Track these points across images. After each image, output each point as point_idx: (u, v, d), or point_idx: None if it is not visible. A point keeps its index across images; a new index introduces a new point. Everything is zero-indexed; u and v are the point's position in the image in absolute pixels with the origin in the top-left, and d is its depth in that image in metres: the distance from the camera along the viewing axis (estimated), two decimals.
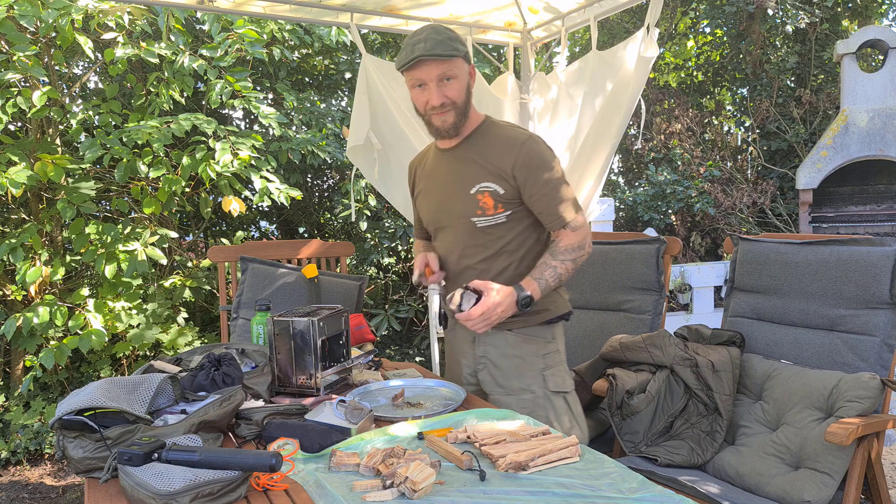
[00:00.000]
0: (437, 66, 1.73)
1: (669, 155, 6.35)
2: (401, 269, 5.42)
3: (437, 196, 1.93)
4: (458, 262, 1.90)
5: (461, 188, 1.85)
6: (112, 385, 1.45)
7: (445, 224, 1.92)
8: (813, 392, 1.95)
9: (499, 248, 1.85)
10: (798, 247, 2.18)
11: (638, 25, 6.94)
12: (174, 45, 3.72)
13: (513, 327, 1.87)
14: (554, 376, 1.89)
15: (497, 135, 1.84)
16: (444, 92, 1.76)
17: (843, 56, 5.78)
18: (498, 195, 1.80)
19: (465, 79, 1.79)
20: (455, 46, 1.73)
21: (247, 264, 2.64)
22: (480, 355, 1.93)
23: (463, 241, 1.88)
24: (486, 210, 1.81)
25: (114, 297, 3.69)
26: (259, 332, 2.08)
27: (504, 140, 1.81)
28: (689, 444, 2.11)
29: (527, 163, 1.77)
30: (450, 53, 1.72)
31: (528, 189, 1.79)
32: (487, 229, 1.84)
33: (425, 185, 2.00)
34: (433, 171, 1.96)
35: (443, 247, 1.96)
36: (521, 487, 1.21)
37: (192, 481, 1.14)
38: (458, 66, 1.76)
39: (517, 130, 1.85)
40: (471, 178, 1.83)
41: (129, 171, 3.56)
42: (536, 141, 1.81)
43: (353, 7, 2.80)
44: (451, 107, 1.78)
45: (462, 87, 1.78)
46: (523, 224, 1.85)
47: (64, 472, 3.51)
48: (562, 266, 1.78)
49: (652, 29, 2.47)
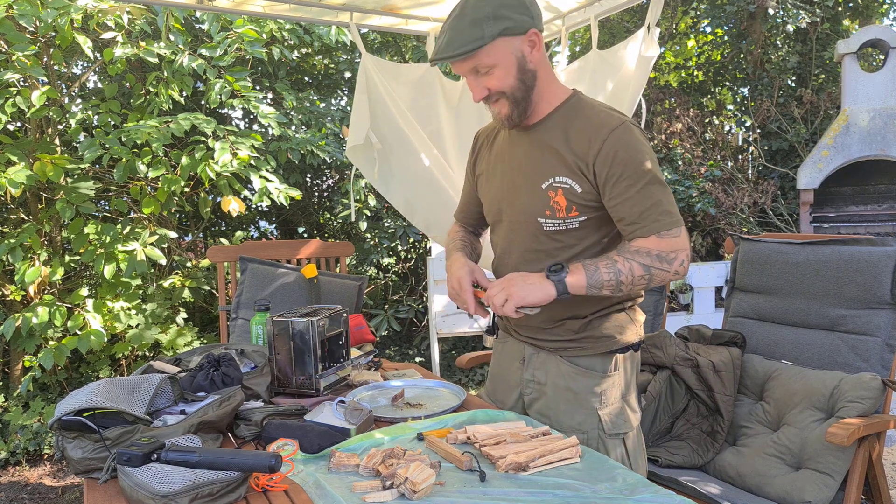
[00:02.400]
0: (462, 62, 1.47)
1: (670, 154, 6.35)
2: (401, 269, 5.41)
3: (503, 184, 1.63)
4: (517, 266, 1.60)
5: (532, 180, 1.55)
6: (111, 385, 1.44)
7: (507, 219, 1.64)
8: (814, 392, 1.95)
9: (566, 257, 1.54)
10: (799, 247, 2.18)
11: (638, 25, 6.93)
12: (173, 45, 3.71)
13: (567, 355, 1.62)
14: (612, 415, 1.62)
15: (584, 116, 1.52)
16: (482, 84, 1.49)
17: (844, 56, 5.77)
18: (574, 194, 1.50)
19: (509, 60, 1.46)
20: (476, 34, 1.42)
21: (246, 264, 2.64)
22: (529, 379, 1.69)
23: (524, 244, 1.60)
24: (556, 211, 1.52)
25: (113, 297, 3.69)
26: (258, 333, 2.07)
27: (591, 124, 1.49)
28: (689, 445, 2.11)
29: (612, 155, 1.44)
30: (467, 49, 1.43)
31: (609, 189, 1.46)
32: (555, 235, 1.55)
33: (490, 167, 1.70)
34: (503, 151, 1.65)
35: (500, 245, 1.68)
36: (522, 488, 1.20)
37: (191, 482, 1.14)
38: (492, 53, 1.44)
39: (610, 114, 1.51)
40: (545, 170, 1.53)
41: (128, 170, 3.56)
42: (629, 128, 1.47)
43: (352, 6, 2.80)
44: (499, 96, 1.51)
45: (507, 71, 1.47)
46: (599, 235, 1.55)
47: (63, 472, 3.51)
48: (625, 264, 1.43)
49: (653, 28, 2.47)
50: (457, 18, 1.45)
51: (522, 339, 1.72)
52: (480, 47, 1.43)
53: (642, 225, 1.44)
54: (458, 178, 2.89)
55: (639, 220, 1.44)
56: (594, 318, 1.60)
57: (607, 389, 1.62)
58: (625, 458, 1.63)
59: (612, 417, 1.62)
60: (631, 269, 1.43)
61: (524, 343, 1.72)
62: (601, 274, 1.43)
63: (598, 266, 1.44)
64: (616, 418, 1.63)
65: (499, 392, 1.81)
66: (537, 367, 1.68)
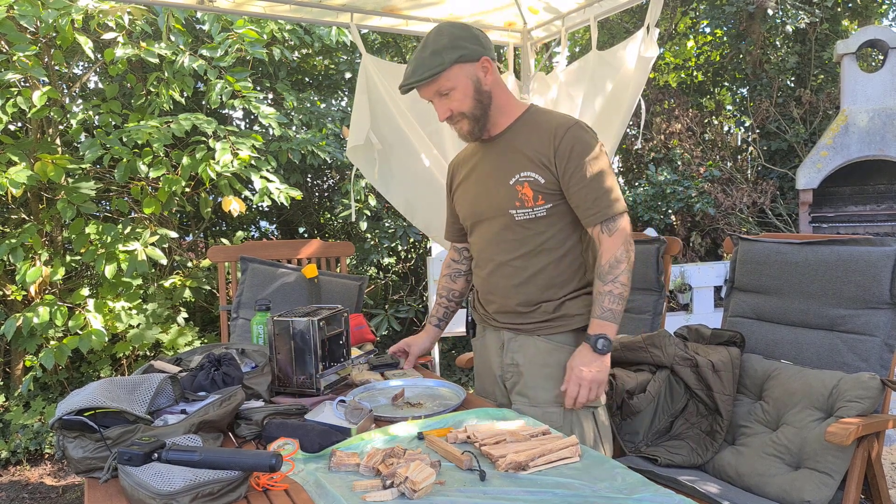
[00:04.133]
0: (426, 86, 1.71)
1: (669, 155, 6.35)
2: (401, 269, 5.42)
3: (476, 188, 1.85)
4: (494, 258, 1.82)
5: (501, 179, 1.77)
6: (112, 385, 1.45)
7: (482, 218, 1.84)
8: (813, 392, 1.95)
9: (538, 244, 1.76)
10: (798, 247, 2.18)
11: (638, 25, 6.94)
12: (174, 45, 3.72)
13: (543, 333, 1.80)
14: None
15: (540, 122, 1.76)
16: (446, 105, 1.73)
17: (843, 56, 5.78)
18: (538, 185, 1.72)
19: (466, 84, 1.71)
20: (437, 61, 1.67)
21: (247, 264, 2.64)
22: (508, 362, 1.85)
23: (499, 236, 1.80)
24: (525, 202, 1.73)
25: (114, 297, 3.69)
26: (259, 332, 2.08)
27: (549, 125, 1.73)
28: (689, 444, 2.11)
29: (569, 149, 1.68)
30: (429, 74, 1.67)
31: (566, 177, 1.70)
32: (526, 223, 1.75)
33: (464, 178, 1.92)
34: (474, 164, 1.88)
35: (478, 243, 1.88)
36: (521, 487, 1.21)
37: (192, 481, 1.14)
38: (451, 77, 1.69)
39: (563, 116, 1.76)
40: (511, 168, 1.75)
41: (129, 171, 3.56)
42: (582, 127, 1.72)
43: (353, 7, 2.80)
44: (459, 117, 1.74)
45: (464, 94, 1.71)
46: (564, 221, 1.76)
47: (64, 472, 3.51)
48: (615, 286, 1.69)
49: (652, 29, 2.47)
50: (420, 51, 1.70)
51: (501, 325, 1.88)
52: (440, 72, 1.68)
53: (594, 210, 1.69)
54: None
55: (593, 206, 1.69)
56: (567, 300, 1.79)
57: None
58: (595, 433, 1.80)
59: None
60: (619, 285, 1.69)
61: (503, 329, 1.87)
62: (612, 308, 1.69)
63: (605, 305, 1.69)
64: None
65: (486, 385, 1.97)
66: (516, 351, 1.84)
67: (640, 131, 5.44)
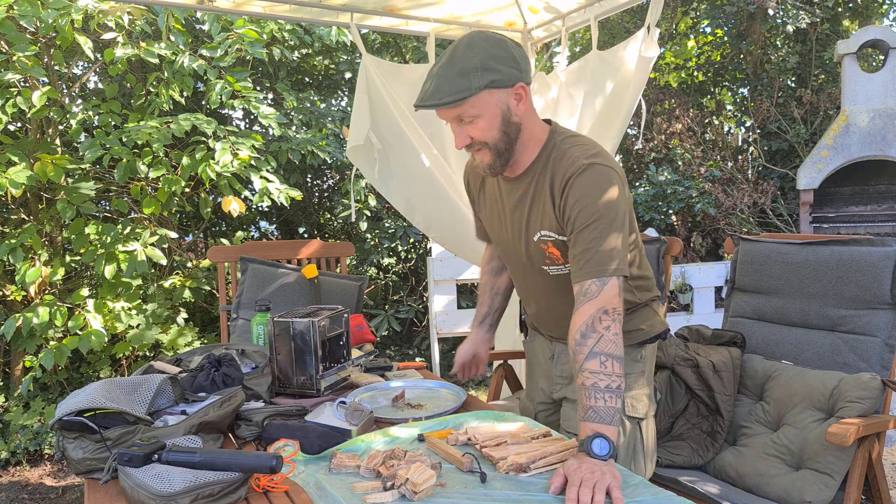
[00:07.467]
0: (447, 110, 1.45)
1: (670, 155, 6.35)
2: (401, 270, 5.42)
3: (502, 231, 1.70)
4: (537, 301, 1.74)
5: (525, 232, 1.62)
6: (112, 386, 1.44)
7: (517, 265, 1.73)
8: (814, 392, 1.95)
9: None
10: (799, 247, 2.18)
11: (638, 25, 6.93)
12: (174, 46, 3.71)
13: None
14: (633, 399, 1.69)
15: (556, 159, 1.53)
16: (465, 132, 1.48)
17: (844, 56, 5.77)
18: (561, 244, 1.55)
19: (494, 112, 1.45)
20: (463, 85, 1.40)
21: (247, 264, 2.64)
22: (558, 374, 1.79)
23: (538, 284, 1.69)
24: (554, 260, 1.59)
25: (113, 297, 3.69)
26: (259, 333, 2.08)
27: (560, 171, 1.51)
28: (689, 445, 2.11)
29: (573, 203, 1.47)
30: (452, 100, 1.41)
31: (568, 231, 1.50)
32: (562, 277, 1.60)
33: (487, 208, 1.75)
34: (495, 195, 1.70)
35: (515, 277, 1.80)
36: (522, 489, 1.21)
37: (192, 482, 1.14)
38: (477, 104, 1.43)
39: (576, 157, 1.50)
40: (532, 223, 1.59)
41: (128, 171, 3.56)
42: (596, 170, 1.46)
43: (353, 7, 2.80)
44: (481, 146, 1.50)
45: (490, 124, 1.46)
46: None
47: (64, 472, 3.51)
48: (593, 363, 1.35)
49: (652, 29, 2.47)
50: (445, 66, 1.43)
51: (553, 338, 1.82)
52: (466, 98, 1.41)
53: (577, 270, 1.45)
54: (457, 178, 2.90)
55: (575, 264, 1.45)
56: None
57: (633, 374, 1.70)
58: (638, 444, 1.69)
59: (632, 401, 1.70)
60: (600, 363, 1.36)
61: (555, 342, 1.82)
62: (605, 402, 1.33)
63: (592, 404, 1.33)
64: (636, 402, 1.71)
65: (531, 386, 1.93)
66: (565, 363, 1.77)
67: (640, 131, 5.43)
